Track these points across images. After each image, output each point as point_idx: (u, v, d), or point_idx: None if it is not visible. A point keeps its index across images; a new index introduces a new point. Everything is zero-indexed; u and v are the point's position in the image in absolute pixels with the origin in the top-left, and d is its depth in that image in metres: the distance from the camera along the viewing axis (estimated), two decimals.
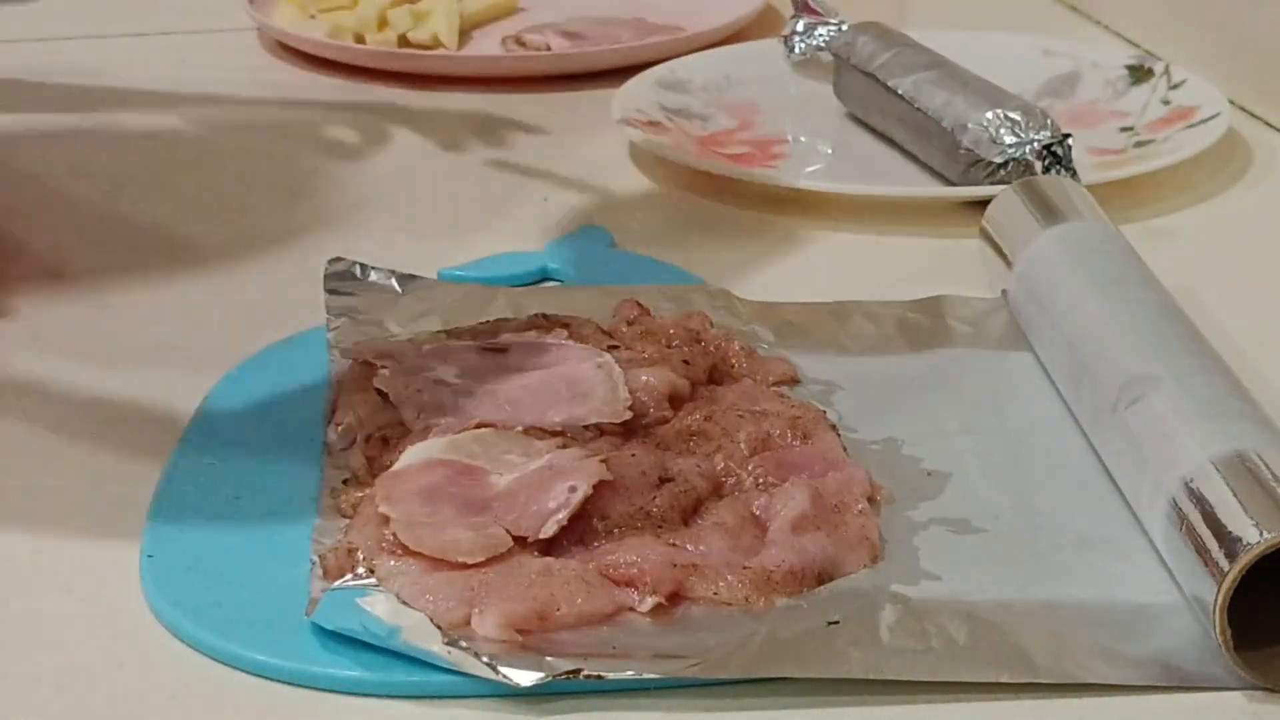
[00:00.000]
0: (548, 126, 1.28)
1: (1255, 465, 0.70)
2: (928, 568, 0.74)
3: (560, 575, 0.71)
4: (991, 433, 0.83)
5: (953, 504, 0.78)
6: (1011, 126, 1.09)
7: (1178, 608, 0.70)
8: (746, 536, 0.74)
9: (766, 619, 0.70)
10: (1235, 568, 0.66)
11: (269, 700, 0.68)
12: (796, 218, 1.10)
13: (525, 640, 0.68)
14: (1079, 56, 1.29)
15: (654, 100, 1.23)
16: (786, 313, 0.94)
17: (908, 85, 1.16)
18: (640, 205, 1.14)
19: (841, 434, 0.82)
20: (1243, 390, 0.76)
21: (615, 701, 0.67)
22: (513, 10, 1.50)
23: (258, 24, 1.47)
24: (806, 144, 1.24)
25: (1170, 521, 0.71)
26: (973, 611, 0.70)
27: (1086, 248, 0.90)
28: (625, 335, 0.89)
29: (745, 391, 0.85)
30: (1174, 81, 1.22)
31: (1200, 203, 1.11)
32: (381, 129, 1.28)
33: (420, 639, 0.67)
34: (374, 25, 1.42)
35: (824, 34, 1.30)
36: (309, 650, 0.69)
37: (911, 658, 0.68)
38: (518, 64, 1.38)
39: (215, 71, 1.43)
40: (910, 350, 0.91)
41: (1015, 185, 0.98)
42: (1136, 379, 0.78)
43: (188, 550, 0.75)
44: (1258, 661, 0.67)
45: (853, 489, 0.77)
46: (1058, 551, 0.74)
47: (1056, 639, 0.69)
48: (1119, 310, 0.83)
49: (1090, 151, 1.14)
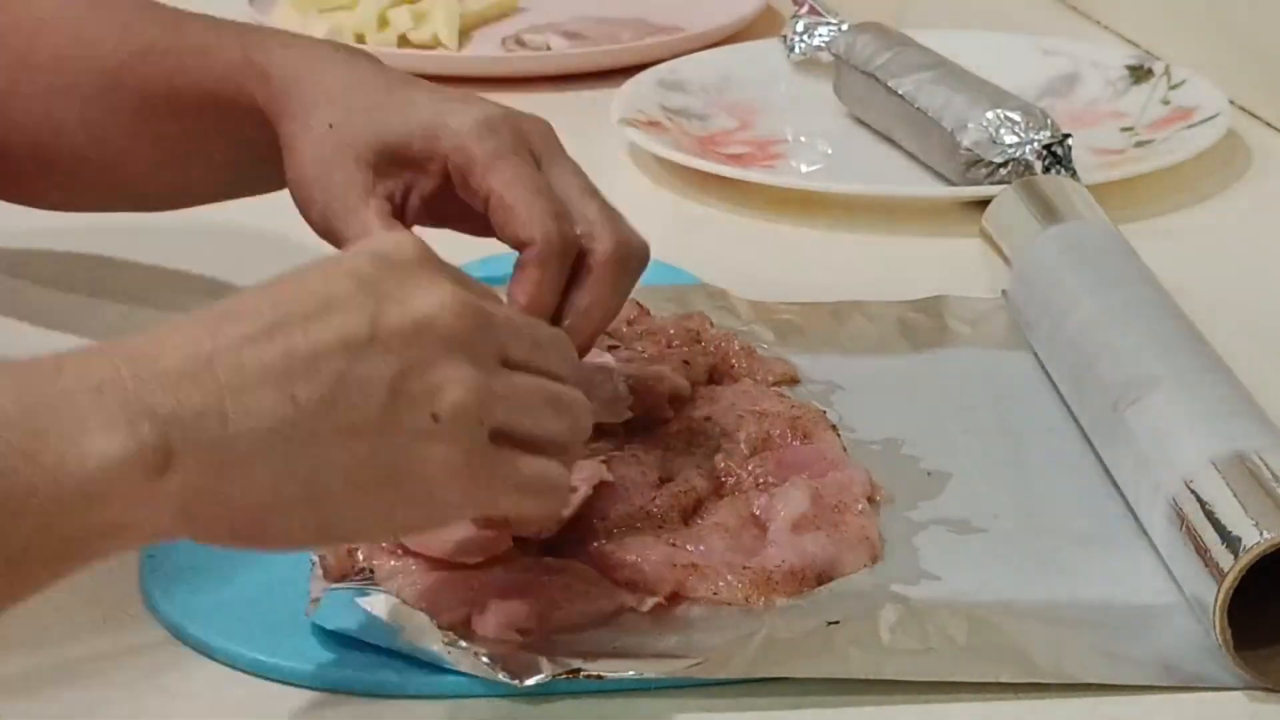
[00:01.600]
0: None
1: (1255, 465, 0.70)
2: (928, 568, 0.74)
3: (560, 575, 0.71)
4: (991, 433, 0.83)
5: (953, 504, 0.78)
6: (1011, 126, 1.09)
7: (1178, 608, 0.70)
8: (746, 536, 0.74)
9: (766, 619, 0.70)
10: (1235, 568, 0.66)
11: (270, 700, 0.68)
12: (796, 218, 1.09)
13: (525, 640, 0.68)
14: (1079, 56, 1.28)
15: (654, 100, 1.23)
16: (786, 313, 0.94)
17: (908, 85, 1.16)
18: (640, 205, 1.14)
19: (841, 434, 0.82)
20: (1243, 390, 0.76)
21: (615, 701, 0.67)
22: (513, 10, 1.50)
23: (258, 24, 1.47)
24: (806, 144, 1.24)
25: (1170, 521, 0.71)
26: (973, 611, 0.70)
27: (1086, 248, 0.90)
28: (625, 335, 0.89)
29: (745, 391, 0.85)
30: (1174, 81, 1.22)
31: (1200, 203, 1.10)
32: None
33: (420, 639, 0.67)
34: (374, 25, 1.42)
35: (824, 34, 1.30)
36: (309, 650, 0.69)
37: (911, 658, 0.68)
38: (518, 64, 1.38)
39: None
40: (910, 350, 0.91)
41: (1015, 185, 0.98)
42: (1136, 379, 0.78)
43: (188, 550, 0.74)
44: (1258, 661, 0.67)
45: (853, 489, 0.77)
46: (1058, 551, 0.74)
47: (1056, 639, 0.69)
48: (1119, 310, 0.83)
49: (1090, 151, 1.14)
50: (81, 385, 0.58)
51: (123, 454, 0.57)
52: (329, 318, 0.61)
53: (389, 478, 0.61)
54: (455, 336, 0.62)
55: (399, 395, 0.61)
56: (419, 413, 0.61)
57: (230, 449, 0.59)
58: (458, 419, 0.62)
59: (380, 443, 0.61)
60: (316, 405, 0.60)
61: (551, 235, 0.75)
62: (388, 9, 1.43)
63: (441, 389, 0.61)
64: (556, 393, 0.66)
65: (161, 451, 0.57)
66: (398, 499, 0.62)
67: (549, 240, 0.75)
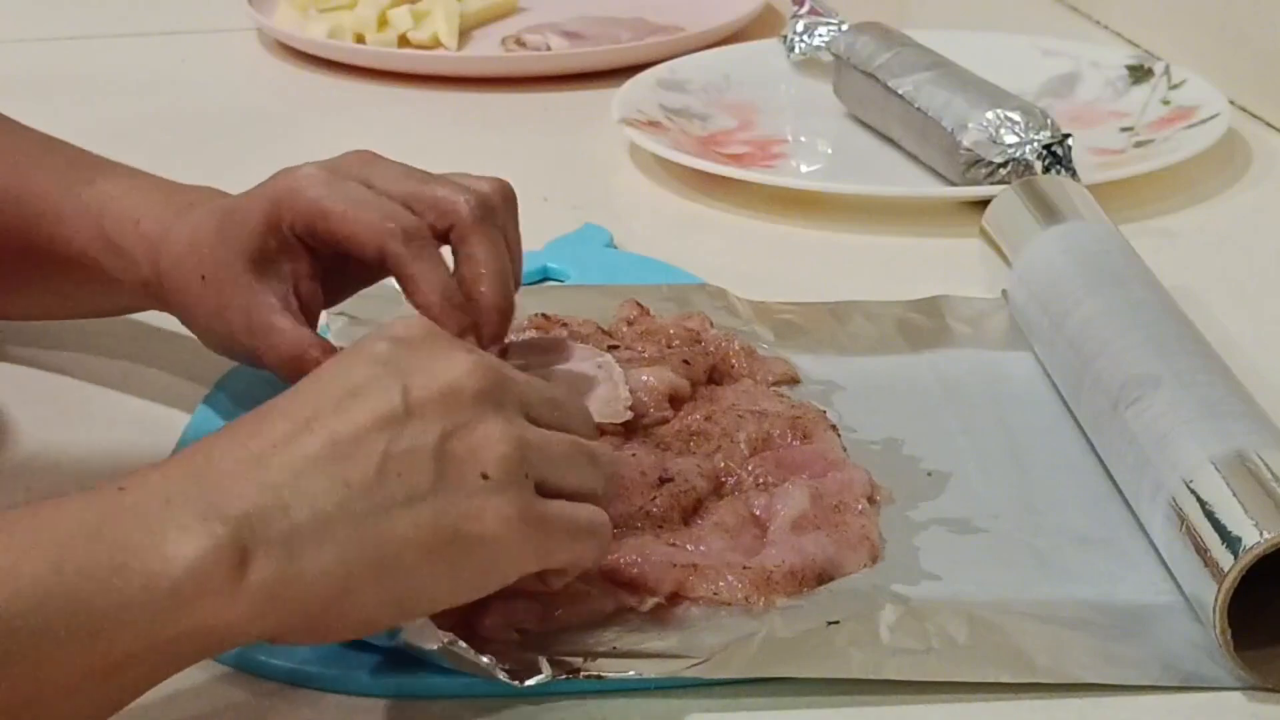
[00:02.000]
0: (548, 126, 1.28)
1: (1255, 465, 0.70)
2: (928, 568, 0.74)
3: None
4: (991, 433, 0.83)
5: (953, 504, 0.78)
6: (1011, 126, 1.09)
7: (1177, 608, 0.70)
8: (746, 536, 0.74)
9: (766, 619, 0.70)
10: (1235, 568, 0.66)
11: (269, 700, 0.68)
12: (796, 218, 1.10)
13: (525, 640, 0.68)
14: (1079, 56, 1.28)
15: (654, 100, 1.23)
16: (786, 313, 0.94)
17: (908, 85, 1.16)
18: (640, 205, 1.14)
19: (841, 434, 0.82)
20: (1243, 390, 0.76)
21: (615, 701, 0.67)
22: (513, 10, 1.50)
23: (258, 24, 1.47)
24: (806, 144, 1.24)
25: (1170, 521, 0.71)
26: (973, 611, 0.70)
27: (1086, 248, 0.90)
28: (625, 335, 0.89)
29: (745, 391, 0.85)
30: (1174, 81, 1.22)
31: (1200, 203, 1.11)
32: (381, 129, 1.28)
33: (421, 639, 0.67)
34: (374, 25, 1.42)
35: (824, 34, 1.30)
36: (309, 651, 0.69)
37: (911, 658, 0.68)
38: (518, 64, 1.38)
39: (215, 71, 1.43)
40: (910, 350, 0.91)
41: (1015, 185, 0.98)
42: (1137, 379, 0.78)
43: None
44: (1258, 661, 0.67)
45: (853, 489, 0.77)
46: (1057, 551, 0.74)
47: (1056, 639, 0.69)
48: (1119, 310, 0.83)
49: (1090, 151, 1.14)
50: (149, 499, 0.60)
51: (204, 555, 0.59)
52: (362, 401, 0.63)
53: (451, 540, 0.63)
54: (484, 397, 0.65)
55: (446, 459, 0.63)
56: (469, 472, 0.63)
57: (298, 538, 0.61)
58: (507, 473, 0.64)
59: (438, 507, 0.63)
60: (369, 483, 0.62)
61: (395, 230, 0.77)
62: (388, 9, 1.43)
63: (484, 447, 0.64)
64: (583, 445, 0.68)
65: (238, 548, 0.60)
66: (462, 559, 0.64)
67: (395, 236, 0.77)
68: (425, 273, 0.77)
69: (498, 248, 0.79)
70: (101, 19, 1.54)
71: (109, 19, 1.54)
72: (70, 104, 1.32)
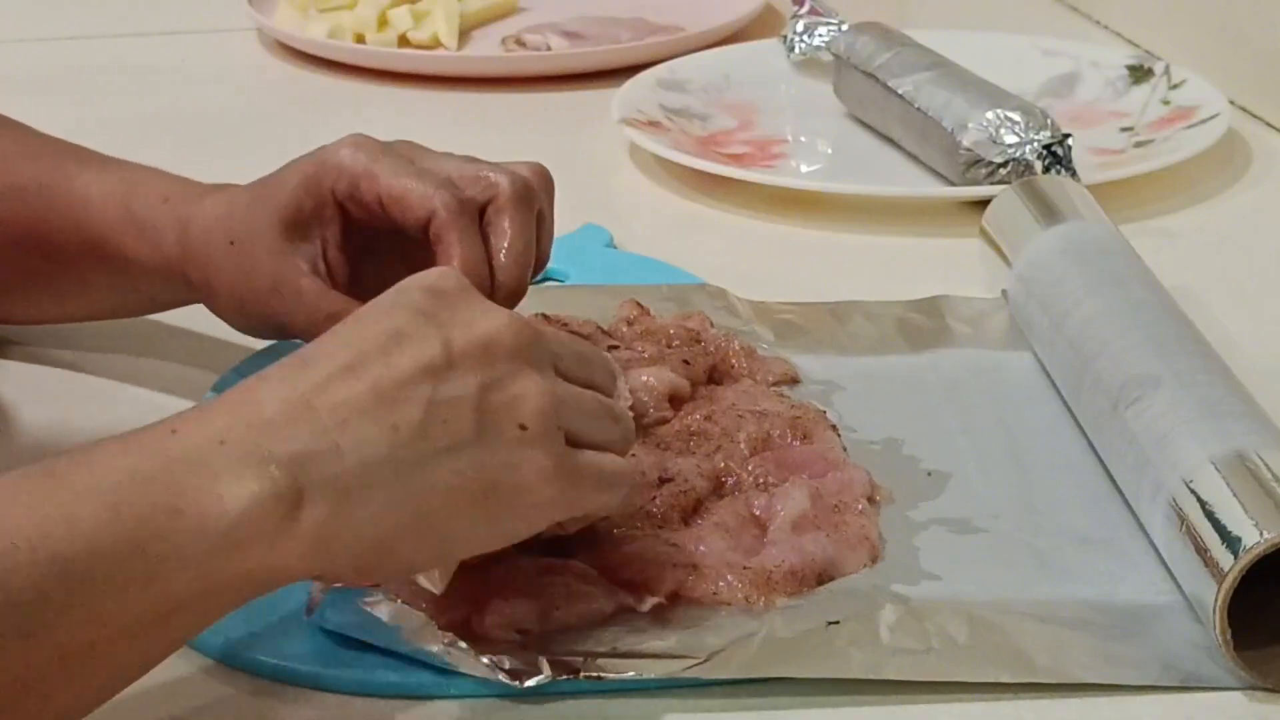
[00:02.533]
0: (548, 126, 1.28)
1: (1255, 465, 0.70)
2: (928, 568, 0.74)
3: (560, 575, 0.71)
4: (991, 433, 0.83)
5: (953, 504, 0.78)
6: (1011, 126, 1.09)
7: (1177, 608, 0.70)
8: (746, 536, 0.74)
9: (766, 619, 0.70)
10: (1235, 568, 0.66)
11: (269, 700, 0.68)
12: (796, 218, 1.10)
13: (525, 640, 0.68)
14: (1079, 56, 1.28)
15: (654, 100, 1.23)
16: (786, 313, 0.94)
17: (908, 85, 1.16)
18: (640, 205, 1.14)
19: (841, 434, 0.82)
20: (1243, 390, 0.76)
21: (615, 701, 0.67)
22: (513, 10, 1.50)
23: (258, 24, 1.47)
24: (806, 144, 1.24)
25: (1170, 521, 0.71)
26: (973, 611, 0.70)
27: (1086, 248, 0.90)
28: (625, 335, 0.89)
29: (745, 391, 0.85)
30: (1174, 81, 1.22)
31: (1200, 203, 1.11)
32: (381, 129, 1.28)
33: (420, 639, 0.67)
34: (374, 25, 1.42)
35: (824, 34, 1.30)
36: (309, 651, 0.69)
37: (911, 658, 0.68)
38: (518, 64, 1.38)
39: (215, 71, 1.43)
40: (910, 350, 0.91)
41: (1015, 185, 0.98)
42: (1137, 379, 0.78)
43: None
44: (1258, 661, 0.67)
45: (853, 489, 0.77)
46: (1057, 551, 0.74)
47: (1056, 639, 0.69)
48: (1119, 310, 0.83)
49: (1090, 151, 1.14)
50: (202, 441, 0.61)
51: (259, 498, 0.60)
52: (403, 349, 0.64)
53: (492, 489, 0.64)
54: (520, 351, 0.66)
55: (486, 410, 0.64)
56: (508, 423, 0.65)
57: (351, 481, 0.62)
58: (543, 425, 0.65)
59: (479, 457, 0.64)
60: (415, 430, 0.63)
61: (447, 199, 0.79)
62: (388, 9, 1.43)
63: (521, 399, 0.65)
64: (606, 402, 0.70)
65: (293, 491, 0.61)
66: (501, 507, 0.65)
67: (446, 204, 0.79)
68: (463, 244, 0.78)
69: (526, 230, 0.80)
70: (101, 19, 1.54)
71: (109, 19, 1.54)
72: (70, 104, 1.32)
